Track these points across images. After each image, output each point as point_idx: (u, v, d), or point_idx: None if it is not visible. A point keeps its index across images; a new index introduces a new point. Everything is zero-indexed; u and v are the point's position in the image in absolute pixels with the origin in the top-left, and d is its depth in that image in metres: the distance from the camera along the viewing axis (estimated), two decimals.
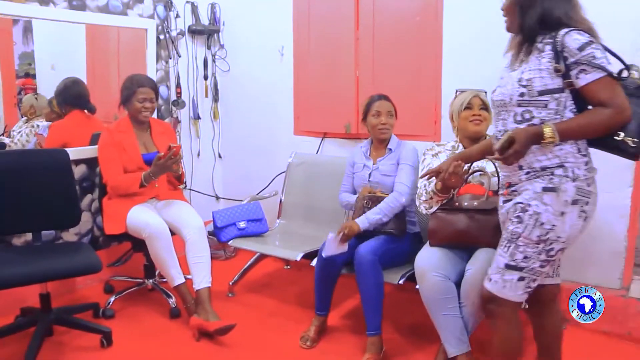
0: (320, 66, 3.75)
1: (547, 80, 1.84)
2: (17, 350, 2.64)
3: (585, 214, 1.88)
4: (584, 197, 1.85)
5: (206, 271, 2.99)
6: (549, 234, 1.86)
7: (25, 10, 3.12)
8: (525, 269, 1.90)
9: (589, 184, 1.87)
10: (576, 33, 1.82)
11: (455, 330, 2.33)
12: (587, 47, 1.79)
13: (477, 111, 2.62)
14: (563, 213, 1.84)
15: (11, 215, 2.84)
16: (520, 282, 1.91)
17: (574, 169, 1.85)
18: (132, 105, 3.18)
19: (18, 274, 2.52)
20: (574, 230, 1.88)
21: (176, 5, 3.96)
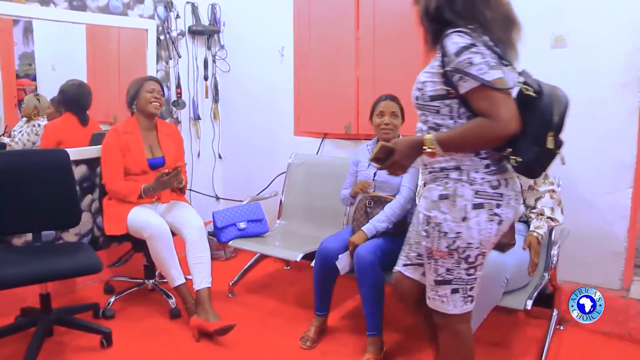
0: (320, 67, 3.75)
1: (438, 85, 1.71)
2: (17, 351, 2.64)
3: (499, 217, 1.73)
4: (490, 200, 1.71)
5: (206, 271, 2.99)
6: (457, 242, 1.73)
7: (25, 10, 3.12)
8: (454, 280, 1.79)
9: (495, 186, 1.72)
10: (456, 35, 1.63)
11: None
12: (464, 52, 1.61)
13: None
14: (465, 219, 1.71)
15: (11, 216, 2.84)
16: (456, 294, 1.80)
17: (470, 172, 1.71)
18: (141, 97, 3.17)
19: (18, 274, 2.52)
20: (486, 234, 1.73)
21: (176, 5, 3.96)
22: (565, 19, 2.81)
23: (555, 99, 1.63)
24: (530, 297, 2.39)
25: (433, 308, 1.86)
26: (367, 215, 2.77)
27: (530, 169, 1.70)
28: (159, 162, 3.23)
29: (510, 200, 1.76)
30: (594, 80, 2.77)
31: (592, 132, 2.80)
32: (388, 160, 1.74)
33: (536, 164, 1.67)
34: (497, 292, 2.30)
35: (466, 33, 1.62)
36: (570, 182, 2.80)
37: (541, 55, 2.89)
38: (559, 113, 1.61)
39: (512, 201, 1.77)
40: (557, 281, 2.65)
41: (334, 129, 3.71)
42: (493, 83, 1.59)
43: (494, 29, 1.66)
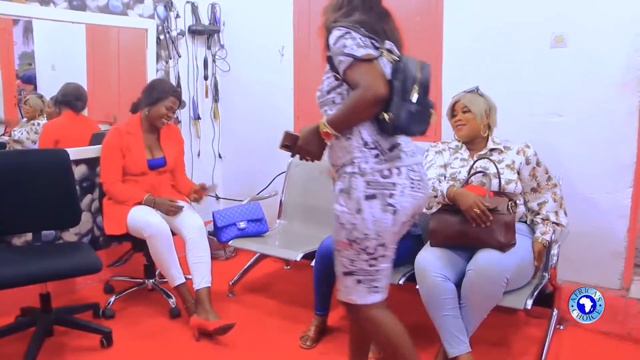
0: (320, 66, 3.72)
1: (330, 77, 1.89)
2: (18, 350, 2.64)
3: (393, 207, 1.80)
4: (383, 190, 1.79)
5: (206, 271, 2.99)
6: (354, 233, 1.81)
7: (25, 10, 3.12)
8: (357, 272, 1.87)
9: (386, 175, 1.81)
10: (335, 30, 1.83)
11: (455, 331, 2.33)
12: (339, 40, 1.80)
13: (459, 116, 2.64)
14: (359, 210, 1.79)
15: (11, 215, 2.84)
16: (360, 285, 1.88)
17: (361, 164, 1.81)
18: (157, 109, 3.15)
19: (18, 274, 2.52)
20: (382, 224, 1.80)
21: (176, 5, 3.96)
22: (565, 18, 2.81)
23: (414, 61, 1.83)
24: (531, 297, 2.39)
25: (342, 300, 1.93)
26: None
27: (402, 125, 1.77)
28: (159, 162, 3.23)
29: (405, 189, 1.82)
30: (593, 79, 2.77)
31: (591, 131, 2.81)
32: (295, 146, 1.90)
33: (407, 119, 1.76)
34: (498, 292, 2.30)
35: (343, 26, 1.82)
36: (570, 181, 2.80)
37: (541, 54, 2.89)
38: (421, 70, 1.81)
39: (408, 190, 1.82)
40: (557, 281, 2.65)
41: None
42: (360, 57, 1.76)
43: (369, 23, 1.88)
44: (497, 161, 2.54)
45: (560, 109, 2.89)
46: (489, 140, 2.65)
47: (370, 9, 1.93)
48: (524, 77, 2.95)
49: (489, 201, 2.39)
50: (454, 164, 2.66)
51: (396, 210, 1.81)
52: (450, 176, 2.62)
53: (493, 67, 3.04)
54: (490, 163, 2.52)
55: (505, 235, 2.35)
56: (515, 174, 2.55)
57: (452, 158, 2.69)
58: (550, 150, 2.78)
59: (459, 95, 2.67)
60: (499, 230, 2.34)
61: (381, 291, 1.91)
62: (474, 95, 2.64)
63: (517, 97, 2.94)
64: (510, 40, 2.98)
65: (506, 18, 2.98)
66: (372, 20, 1.90)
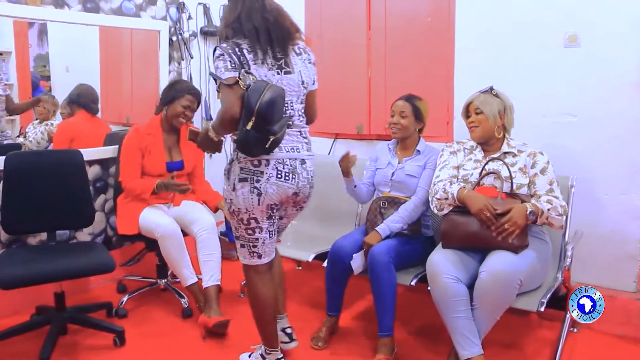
0: (332, 67, 3.75)
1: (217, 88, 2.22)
2: (33, 348, 2.67)
3: (258, 189, 2.20)
4: (251, 176, 2.20)
5: (215, 269, 3.01)
6: (232, 207, 2.26)
7: (40, 13, 3.15)
8: (240, 238, 2.33)
9: (256, 165, 2.20)
10: (216, 50, 2.16)
11: (467, 333, 2.32)
12: (215, 61, 2.15)
13: (472, 117, 2.61)
14: (235, 189, 2.22)
15: (27, 215, 2.87)
16: (243, 249, 2.34)
17: (238, 153, 2.21)
18: (174, 107, 3.17)
19: (33, 272, 2.55)
20: (249, 202, 2.21)
21: (188, 7, 3.98)
22: (579, 17, 2.80)
23: (260, 90, 2.06)
24: (544, 299, 2.37)
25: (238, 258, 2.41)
26: (381, 216, 2.77)
27: (242, 146, 2.13)
28: (177, 165, 3.24)
29: (271, 178, 2.21)
30: (607, 79, 2.75)
31: (605, 132, 2.79)
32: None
33: (245, 142, 2.10)
34: (511, 293, 2.29)
35: (221, 47, 2.15)
36: (583, 182, 2.78)
37: (554, 53, 2.88)
38: (260, 102, 2.04)
39: (273, 178, 2.21)
40: (571, 283, 2.62)
41: (346, 129, 3.71)
42: (224, 80, 2.11)
43: (255, 41, 2.16)
44: (510, 164, 2.51)
45: (573, 109, 2.87)
46: (504, 143, 2.60)
47: (254, 28, 2.18)
48: (537, 77, 2.94)
49: (501, 203, 2.37)
50: (466, 166, 2.64)
51: (260, 193, 2.21)
52: (462, 178, 2.60)
53: (505, 67, 3.02)
54: (503, 166, 2.50)
55: (518, 237, 2.33)
56: (527, 178, 2.51)
57: (466, 159, 2.67)
58: (563, 151, 2.76)
59: (473, 96, 2.64)
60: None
61: (261, 256, 2.35)
62: (487, 96, 2.59)
63: (530, 97, 2.91)
64: (523, 40, 2.97)
65: (518, 18, 2.97)
66: (253, 40, 2.17)
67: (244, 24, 2.17)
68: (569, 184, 2.72)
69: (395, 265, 2.58)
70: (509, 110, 2.60)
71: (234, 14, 2.19)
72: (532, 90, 2.94)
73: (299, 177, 2.31)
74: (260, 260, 2.35)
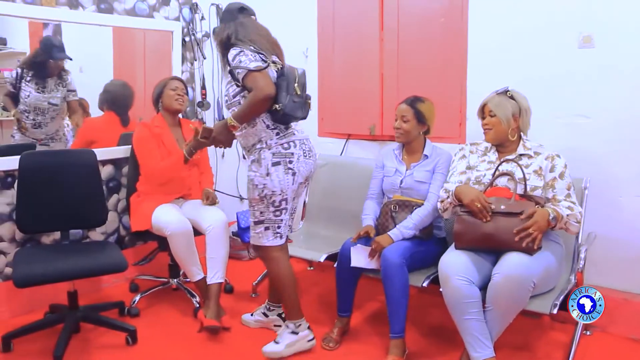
0: (344, 68, 3.75)
1: (234, 86, 2.56)
2: (46, 346, 2.70)
3: (292, 169, 2.55)
4: (283, 158, 2.54)
5: (219, 267, 3.03)
6: (264, 191, 2.53)
7: (55, 14, 3.19)
8: (265, 221, 2.58)
9: (286, 147, 2.55)
10: (232, 49, 2.52)
11: (479, 335, 2.30)
12: (236, 57, 2.49)
13: (486, 119, 2.59)
14: (269, 174, 2.51)
15: (41, 215, 2.90)
16: (267, 231, 2.59)
17: (267, 140, 2.54)
18: (165, 95, 3.24)
19: (47, 271, 2.57)
20: (285, 183, 2.54)
21: (201, 7, 4.00)
22: (593, 18, 2.77)
23: (294, 68, 2.57)
24: (556, 302, 2.35)
25: (254, 243, 2.66)
26: (393, 220, 2.75)
27: (288, 111, 2.49)
28: None
29: (300, 157, 2.58)
30: (621, 80, 2.72)
31: (619, 133, 2.76)
32: (210, 138, 2.63)
33: (291, 107, 2.51)
34: (524, 296, 2.27)
35: (237, 46, 2.52)
36: (597, 184, 2.75)
37: (568, 54, 2.85)
38: (299, 74, 2.56)
39: (302, 158, 2.59)
40: (584, 285, 2.60)
41: (358, 129, 3.70)
42: (252, 68, 2.44)
43: (259, 43, 2.58)
44: (524, 166, 2.49)
45: (587, 111, 2.84)
46: (520, 145, 2.57)
47: (259, 35, 2.62)
48: (551, 78, 2.91)
49: (515, 205, 2.36)
50: (480, 167, 2.62)
51: (295, 172, 2.56)
52: (475, 179, 2.59)
53: (519, 68, 3.00)
54: (517, 167, 2.48)
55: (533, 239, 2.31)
56: (542, 181, 2.48)
57: (480, 160, 2.64)
58: (577, 152, 2.74)
59: (488, 97, 2.61)
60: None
61: (282, 236, 2.65)
62: (502, 99, 2.55)
63: (544, 98, 2.89)
64: (537, 41, 2.94)
65: (532, 18, 2.95)
66: (261, 42, 2.59)
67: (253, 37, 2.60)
68: (583, 186, 2.70)
69: (407, 266, 2.57)
70: (524, 113, 2.55)
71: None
72: (546, 91, 2.91)
73: (314, 155, 2.69)
74: (281, 240, 2.64)
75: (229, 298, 3.40)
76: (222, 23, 2.70)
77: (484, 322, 2.31)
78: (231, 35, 2.59)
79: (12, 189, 3.08)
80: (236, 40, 2.57)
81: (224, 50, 2.61)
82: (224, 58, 2.60)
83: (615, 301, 2.78)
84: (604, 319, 2.67)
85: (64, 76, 3.42)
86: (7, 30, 3.26)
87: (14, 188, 3.06)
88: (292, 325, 2.68)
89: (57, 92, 3.40)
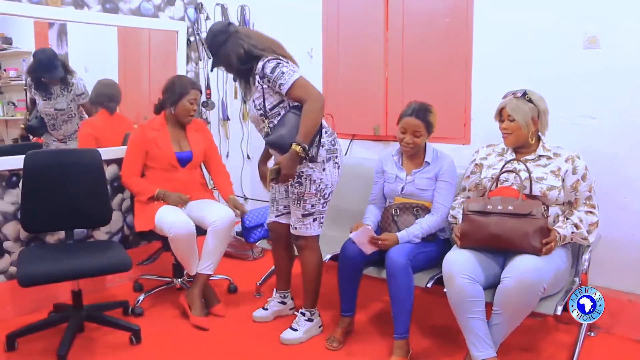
0: (349, 68, 3.75)
1: (271, 99, 2.62)
2: (50, 345, 2.70)
3: (338, 164, 2.75)
4: (332, 154, 2.71)
5: (213, 259, 3.10)
6: (320, 185, 2.68)
7: (60, 13, 3.19)
8: (315, 213, 2.73)
9: (333, 143, 2.72)
10: (267, 62, 2.58)
11: (481, 334, 2.29)
12: (276, 69, 2.56)
13: (505, 124, 2.54)
14: (324, 169, 2.68)
15: (45, 214, 2.90)
16: (315, 222, 2.75)
17: (320, 138, 2.63)
18: (182, 105, 3.20)
19: (51, 271, 2.58)
20: (335, 176, 2.74)
21: (206, 7, 4.01)
22: (598, 19, 2.76)
23: None
24: (561, 302, 2.35)
25: (299, 234, 2.77)
26: (395, 224, 2.75)
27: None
28: (187, 156, 3.27)
29: (341, 152, 2.80)
30: (626, 80, 2.71)
31: (624, 134, 2.75)
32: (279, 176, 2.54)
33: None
34: (534, 300, 2.25)
35: (272, 58, 2.59)
36: (602, 185, 2.74)
37: (573, 55, 2.84)
38: None
39: (342, 152, 2.81)
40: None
41: (363, 130, 3.70)
42: (297, 79, 2.55)
43: (279, 49, 2.68)
44: (542, 166, 2.48)
45: (593, 111, 2.83)
46: (539, 146, 2.56)
47: (270, 41, 2.73)
48: (556, 78, 2.90)
49: (522, 205, 2.35)
50: (496, 166, 2.60)
51: (339, 166, 2.77)
52: (490, 177, 2.58)
53: (524, 68, 3.00)
54: (521, 165, 2.47)
55: (540, 239, 2.31)
56: (560, 182, 2.46)
57: (497, 160, 2.63)
58: (582, 153, 2.72)
59: (505, 100, 2.55)
60: (533, 235, 2.31)
61: (322, 226, 2.81)
62: (520, 102, 2.50)
63: (549, 98, 2.86)
64: (542, 42, 2.94)
65: (537, 19, 2.94)
66: (279, 47, 2.70)
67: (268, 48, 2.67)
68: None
69: (412, 267, 2.57)
70: (542, 115, 2.53)
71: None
72: (551, 92, 2.89)
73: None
74: (321, 230, 2.82)
75: (233, 298, 3.41)
76: (220, 46, 2.66)
77: (486, 321, 2.31)
78: (251, 49, 2.61)
79: (17, 188, 3.08)
80: (261, 52, 2.61)
81: (243, 66, 2.64)
82: (246, 73, 2.68)
83: (620, 302, 2.78)
84: (608, 320, 2.68)
85: (69, 80, 3.42)
86: (12, 30, 3.27)
87: (18, 187, 3.07)
88: (309, 313, 2.86)
89: (63, 97, 3.41)
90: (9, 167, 3.06)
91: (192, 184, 3.29)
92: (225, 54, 2.65)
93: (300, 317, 2.87)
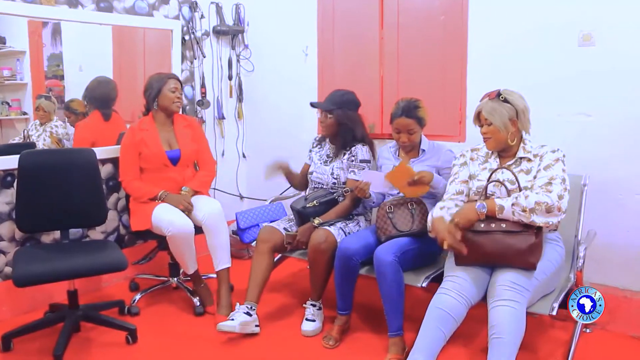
0: (344, 66, 3.75)
1: (345, 172, 3.03)
2: (46, 345, 2.70)
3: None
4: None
5: (223, 253, 3.11)
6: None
7: (54, 12, 3.18)
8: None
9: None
10: (363, 146, 3.04)
11: (434, 348, 2.24)
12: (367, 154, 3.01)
13: (484, 128, 2.45)
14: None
15: (41, 214, 2.90)
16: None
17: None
18: (164, 96, 3.20)
19: (47, 270, 2.57)
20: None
21: (201, 6, 4.00)
22: (593, 16, 2.76)
23: None
24: (556, 302, 2.34)
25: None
26: (390, 221, 2.75)
27: None
28: (176, 154, 3.26)
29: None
30: (622, 78, 2.72)
31: (620, 131, 2.76)
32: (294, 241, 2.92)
33: None
34: (522, 318, 2.25)
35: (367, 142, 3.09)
36: (598, 182, 2.75)
37: (567, 53, 2.85)
38: None
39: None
40: (584, 284, 2.60)
41: None
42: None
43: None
44: (525, 171, 2.41)
45: (588, 109, 2.84)
46: (520, 148, 2.46)
47: None
48: (551, 76, 2.91)
49: (514, 223, 2.27)
50: (481, 176, 2.51)
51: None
52: (476, 189, 2.49)
53: (519, 65, 3.00)
54: (513, 175, 2.38)
55: (532, 253, 2.25)
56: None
57: (481, 168, 2.54)
58: (577, 150, 2.74)
59: (481, 103, 2.46)
60: (527, 250, 2.24)
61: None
62: (495, 104, 2.39)
63: (544, 96, 2.89)
64: (537, 39, 2.94)
65: (532, 16, 2.94)
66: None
67: None
68: (582, 183, 2.69)
69: (402, 264, 2.56)
70: (522, 114, 2.40)
71: None
72: (547, 89, 2.91)
73: None
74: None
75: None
76: (350, 108, 3.07)
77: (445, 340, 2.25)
78: (358, 136, 3.07)
79: (12, 188, 3.08)
80: (361, 138, 3.08)
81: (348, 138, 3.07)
82: (344, 144, 3.07)
83: (615, 299, 2.79)
84: (604, 316, 2.67)
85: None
86: (6, 29, 3.25)
87: (13, 187, 3.06)
88: (318, 303, 2.96)
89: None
90: (3, 167, 3.05)
91: (185, 182, 3.27)
92: (351, 119, 3.05)
93: (312, 307, 2.94)
